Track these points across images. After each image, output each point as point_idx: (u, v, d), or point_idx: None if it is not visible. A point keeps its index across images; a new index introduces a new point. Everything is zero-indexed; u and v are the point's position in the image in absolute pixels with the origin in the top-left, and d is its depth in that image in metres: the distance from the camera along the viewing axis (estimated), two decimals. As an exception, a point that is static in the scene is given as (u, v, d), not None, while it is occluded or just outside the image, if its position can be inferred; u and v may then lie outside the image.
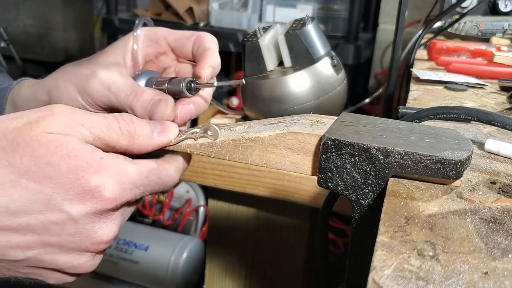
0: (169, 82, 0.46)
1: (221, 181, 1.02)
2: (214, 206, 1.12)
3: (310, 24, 0.53)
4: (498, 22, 1.00)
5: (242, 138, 0.40)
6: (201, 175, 1.04)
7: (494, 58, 0.79)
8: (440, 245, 0.26)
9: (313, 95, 0.52)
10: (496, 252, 0.26)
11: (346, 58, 1.47)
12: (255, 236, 1.08)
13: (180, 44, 0.49)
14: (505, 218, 0.30)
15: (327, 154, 0.36)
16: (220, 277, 1.15)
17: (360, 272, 0.38)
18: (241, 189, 1.00)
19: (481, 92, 0.66)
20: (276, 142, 0.39)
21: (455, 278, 0.24)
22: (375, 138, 0.35)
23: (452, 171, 0.32)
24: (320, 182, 0.37)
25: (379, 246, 0.26)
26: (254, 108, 0.53)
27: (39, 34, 2.45)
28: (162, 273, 1.31)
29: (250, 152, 0.40)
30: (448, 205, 0.31)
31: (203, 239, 1.38)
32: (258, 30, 0.55)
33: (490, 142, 0.41)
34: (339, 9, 1.57)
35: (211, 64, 0.46)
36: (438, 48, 0.84)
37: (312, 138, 0.38)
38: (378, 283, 0.23)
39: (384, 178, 0.34)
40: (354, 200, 0.36)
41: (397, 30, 0.95)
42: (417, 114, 0.44)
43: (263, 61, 0.54)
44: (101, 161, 0.34)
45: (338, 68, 0.55)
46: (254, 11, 1.60)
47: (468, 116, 0.41)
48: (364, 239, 0.37)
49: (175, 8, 1.67)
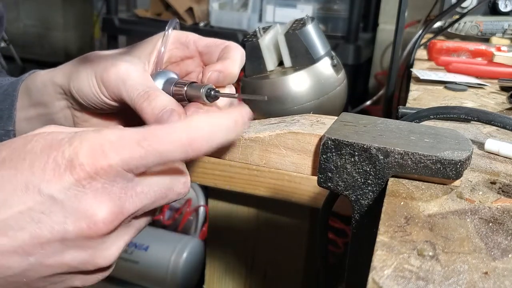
0: (189, 85, 0.45)
1: (221, 181, 1.02)
2: (214, 206, 1.12)
3: (310, 24, 0.53)
4: (498, 22, 1.00)
5: (242, 138, 0.40)
6: (201, 175, 1.04)
7: (494, 58, 0.79)
8: (440, 245, 0.26)
9: (313, 95, 0.52)
10: (496, 252, 0.26)
11: (346, 58, 1.47)
12: (255, 236, 1.08)
13: (209, 50, 0.49)
14: (505, 218, 0.30)
15: (327, 154, 0.36)
16: (220, 277, 1.15)
17: (360, 272, 0.38)
18: (241, 189, 1.00)
19: (481, 92, 0.66)
20: (276, 142, 0.39)
21: (455, 278, 0.24)
22: (375, 138, 0.35)
23: (452, 171, 0.32)
24: (320, 182, 0.37)
25: (379, 246, 0.26)
26: (254, 108, 0.53)
27: (39, 34, 2.45)
28: (162, 273, 1.31)
29: (250, 152, 0.40)
30: (448, 205, 0.31)
31: (203, 239, 1.38)
32: (258, 30, 0.55)
33: (490, 142, 0.41)
34: (339, 9, 1.57)
35: (221, 69, 0.45)
36: (438, 48, 0.84)
37: (312, 138, 0.38)
38: (378, 283, 0.23)
39: (384, 178, 0.34)
40: (354, 200, 0.36)
41: (397, 30, 0.95)
42: (417, 114, 0.44)
43: (263, 61, 0.54)
44: (74, 134, 0.31)
45: (338, 68, 0.55)
46: (254, 11, 1.61)
47: (468, 116, 0.41)
48: (364, 239, 0.37)
49: (175, 8, 1.67)
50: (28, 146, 0.31)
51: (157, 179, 0.34)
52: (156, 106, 0.42)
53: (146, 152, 0.31)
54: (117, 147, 0.31)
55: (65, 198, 0.30)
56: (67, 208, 0.30)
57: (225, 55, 0.47)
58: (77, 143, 0.30)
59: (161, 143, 0.31)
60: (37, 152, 0.31)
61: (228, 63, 0.46)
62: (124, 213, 0.32)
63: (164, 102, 0.43)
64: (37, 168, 0.30)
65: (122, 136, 0.31)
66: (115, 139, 0.31)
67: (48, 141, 0.31)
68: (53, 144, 0.31)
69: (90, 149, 0.30)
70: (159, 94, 0.44)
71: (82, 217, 0.30)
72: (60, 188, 0.30)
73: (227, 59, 0.46)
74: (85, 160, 0.30)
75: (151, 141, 0.31)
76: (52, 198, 0.30)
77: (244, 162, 0.40)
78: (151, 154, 0.31)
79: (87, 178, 0.30)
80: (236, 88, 0.50)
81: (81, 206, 0.30)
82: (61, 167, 0.30)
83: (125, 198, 0.32)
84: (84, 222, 0.30)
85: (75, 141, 0.31)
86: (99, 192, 0.31)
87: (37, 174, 0.30)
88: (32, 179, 0.30)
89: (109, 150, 0.30)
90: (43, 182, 0.30)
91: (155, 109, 0.42)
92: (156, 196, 0.34)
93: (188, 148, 0.32)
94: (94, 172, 0.30)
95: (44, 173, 0.30)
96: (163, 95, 0.44)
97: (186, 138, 0.32)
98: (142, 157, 0.31)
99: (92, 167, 0.30)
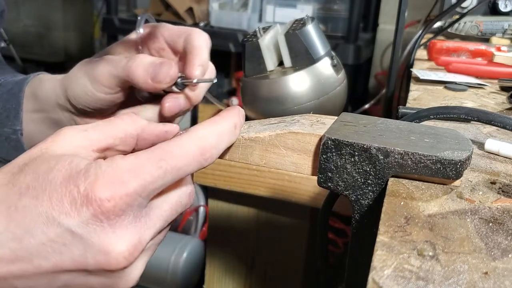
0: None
1: (221, 181, 1.02)
2: (214, 206, 1.12)
3: (310, 24, 0.53)
4: (498, 22, 1.00)
5: (242, 138, 0.40)
6: (201, 175, 1.04)
7: (494, 58, 0.79)
8: (440, 245, 0.26)
9: (313, 95, 0.52)
10: (496, 252, 0.26)
11: (346, 58, 1.47)
12: (255, 236, 1.08)
13: (172, 40, 0.50)
14: (505, 218, 0.30)
15: (327, 154, 0.36)
16: (220, 277, 1.15)
17: (360, 272, 0.38)
18: (241, 189, 1.00)
19: (481, 92, 0.66)
20: (276, 142, 0.39)
21: (455, 278, 0.24)
22: (375, 138, 0.35)
23: (452, 171, 0.32)
24: (320, 182, 0.37)
25: (379, 246, 0.26)
26: (254, 108, 0.53)
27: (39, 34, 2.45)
28: (162, 273, 1.31)
29: (250, 152, 0.40)
30: (448, 205, 0.31)
31: (203, 239, 1.38)
32: (258, 30, 0.55)
33: (490, 142, 0.41)
34: (339, 9, 1.57)
35: (200, 63, 0.46)
36: (438, 48, 0.84)
37: (312, 138, 0.38)
38: (378, 283, 0.23)
39: (384, 178, 0.34)
40: (354, 200, 0.36)
41: (397, 30, 0.95)
42: (417, 114, 0.44)
43: (263, 61, 0.54)
44: (89, 166, 0.31)
45: (338, 68, 0.55)
46: (254, 11, 1.61)
47: (468, 116, 0.41)
48: (364, 239, 0.37)
49: (175, 8, 1.68)
50: (50, 175, 0.31)
51: (166, 197, 0.34)
52: (145, 62, 0.44)
53: (165, 172, 0.31)
54: (136, 174, 0.30)
55: (83, 232, 0.30)
56: (87, 242, 0.30)
57: (189, 44, 0.47)
58: (92, 177, 0.30)
59: (177, 159, 0.32)
60: (57, 184, 0.30)
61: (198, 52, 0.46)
62: (142, 243, 0.32)
63: (151, 58, 0.45)
64: (55, 200, 0.30)
65: (137, 163, 0.31)
66: (131, 167, 0.31)
67: (68, 171, 0.31)
68: (72, 175, 0.31)
69: (106, 182, 0.30)
70: (143, 56, 0.46)
71: (102, 253, 0.30)
72: (78, 223, 0.30)
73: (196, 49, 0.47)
74: (101, 194, 0.30)
75: (167, 159, 0.31)
76: (71, 231, 0.30)
77: (244, 162, 0.40)
78: (169, 173, 0.32)
79: (105, 213, 0.30)
80: (236, 88, 0.51)
81: (100, 242, 0.30)
82: (77, 201, 0.30)
83: (141, 226, 0.32)
84: (104, 257, 0.31)
85: (91, 175, 0.30)
86: (117, 225, 0.31)
87: (56, 207, 0.30)
88: (52, 211, 0.30)
89: (127, 179, 0.30)
90: (62, 214, 0.30)
91: (145, 65, 0.44)
92: (168, 216, 0.34)
93: (201, 159, 0.33)
94: (112, 206, 0.30)
95: (62, 206, 0.30)
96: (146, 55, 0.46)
97: (198, 149, 0.33)
98: (161, 177, 0.31)
99: (108, 201, 0.30)
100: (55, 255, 0.30)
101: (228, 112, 0.37)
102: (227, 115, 0.36)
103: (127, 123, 0.35)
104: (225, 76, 1.83)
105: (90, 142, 0.34)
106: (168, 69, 0.44)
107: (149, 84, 0.45)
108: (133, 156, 0.31)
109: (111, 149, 0.35)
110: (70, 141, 0.33)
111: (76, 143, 0.33)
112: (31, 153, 0.33)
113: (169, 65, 0.44)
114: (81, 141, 0.33)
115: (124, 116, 0.36)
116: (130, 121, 0.35)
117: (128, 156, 0.31)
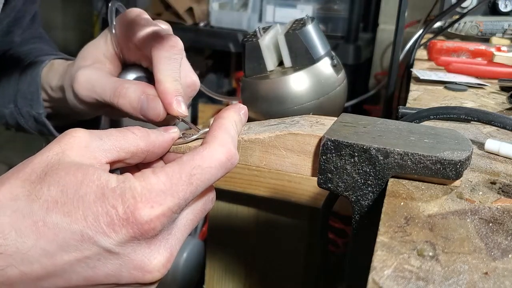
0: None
1: (221, 181, 1.01)
2: (214, 206, 1.11)
3: (310, 24, 0.53)
4: (498, 22, 1.00)
5: (242, 140, 0.40)
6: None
7: (494, 58, 0.79)
8: (440, 245, 0.26)
9: (313, 95, 0.52)
10: (496, 252, 0.26)
11: (346, 58, 1.47)
12: (255, 236, 1.08)
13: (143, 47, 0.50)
14: (505, 218, 0.30)
15: (327, 155, 0.36)
16: (220, 277, 1.15)
17: (360, 272, 0.38)
18: (241, 189, 1.00)
19: (481, 92, 0.66)
20: (276, 143, 0.39)
21: (455, 278, 0.24)
22: (374, 139, 0.35)
23: (452, 171, 0.32)
24: (320, 183, 0.37)
25: (379, 246, 0.26)
26: (254, 108, 0.53)
27: (39, 34, 2.44)
28: (162, 273, 1.31)
29: (250, 154, 0.40)
30: (448, 205, 0.31)
31: (203, 239, 1.38)
32: (258, 30, 0.55)
33: (490, 142, 0.41)
34: (339, 9, 1.57)
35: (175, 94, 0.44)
36: (438, 48, 0.84)
37: (312, 139, 0.38)
38: (378, 283, 0.23)
39: (384, 179, 0.34)
40: (354, 200, 0.36)
41: (397, 30, 0.95)
42: (417, 114, 0.44)
43: (263, 61, 0.54)
44: (124, 185, 0.31)
45: (338, 68, 0.55)
46: (254, 11, 1.61)
47: (468, 116, 0.41)
48: (364, 239, 0.37)
49: (175, 8, 1.67)
50: (81, 190, 0.30)
51: (194, 207, 0.36)
52: (132, 98, 0.45)
53: (196, 187, 0.32)
54: (171, 194, 0.31)
55: (120, 251, 0.31)
56: (123, 258, 0.31)
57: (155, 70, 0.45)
58: (131, 201, 0.30)
59: (206, 172, 0.33)
60: (90, 202, 0.30)
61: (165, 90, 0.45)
62: (173, 254, 0.33)
63: (137, 92, 0.45)
64: (91, 219, 0.30)
65: (171, 183, 0.31)
66: (165, 188, 0.31)
67: (100, 189, 0.31)
68: (105, 194, 0.30)
69: (144, 205, 0.30)
70: (128, 86, 0.46)
71: (138, 267, 0.32)
72: (116, 243, 0.30)
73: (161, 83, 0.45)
74: (141, 219, 0.30)
75: (197, 174, 0.32)
76: (108, 250, 0.30)
77: (244, 164, 0.40)
78: (200, 186, 0.33)
79: (143, 234, 0.31)
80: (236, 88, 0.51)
81: (137, 257, 0.31)
82: (115, 223, 0.30)
83: (172, 239, 0.33)
84: (140, 273, 0.32)
85: (128, 198, 0.30)
86: (153, 242, 0.32)
87: (92, 227, 0.30)
88: (87, 230, 0.30)
89: (164, 201, 0.31)
90: (98, 234, 0.30)
91: (132, 101, 0.45)
92: (194, 224, 0.36)
93: (228, 164, 0.34)
94: (151, 227, 0.31)
95: (98, 226, 0.30)
96: (131, 85, 0.46)
97: (224, 155, 0.33)
98: (193, 192, 0.32)
99: (148, 224, 0.30)
100: (89, 270, 0.31)
101: (230, 108, 0.39)
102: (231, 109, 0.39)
103: (140, 138, 0.36)
104: (225, 76, 1.83)
105: (105, 153, 0.34)
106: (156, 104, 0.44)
107: (140, 117, 0.46)
108: (164, 174, 0.32)
109: (121, 162, 0.36)
110: (87, 149, 0.33)
111: (93, 153, 0.33)
112: (47, 158, 0.32)
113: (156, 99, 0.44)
114: (97, 151, 0.33)
115: (137, 130, 0.36)
116: (142, 136, 0.36)
117: (160, 174, 0.32)
